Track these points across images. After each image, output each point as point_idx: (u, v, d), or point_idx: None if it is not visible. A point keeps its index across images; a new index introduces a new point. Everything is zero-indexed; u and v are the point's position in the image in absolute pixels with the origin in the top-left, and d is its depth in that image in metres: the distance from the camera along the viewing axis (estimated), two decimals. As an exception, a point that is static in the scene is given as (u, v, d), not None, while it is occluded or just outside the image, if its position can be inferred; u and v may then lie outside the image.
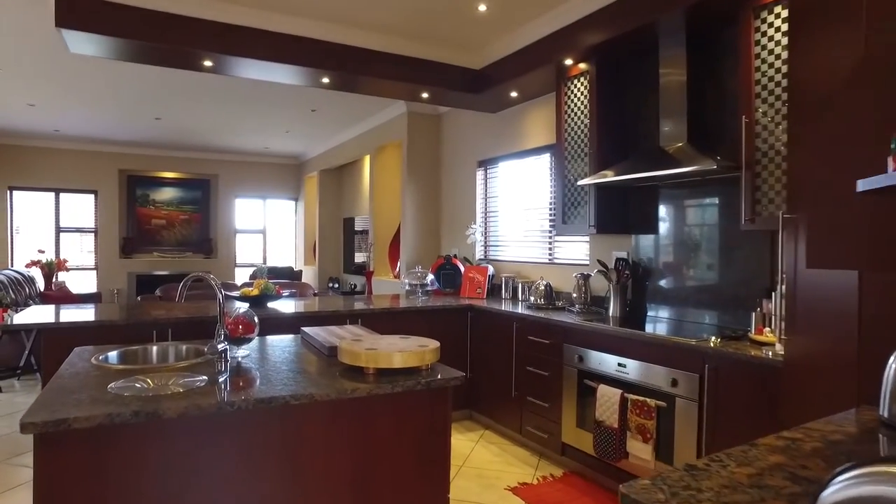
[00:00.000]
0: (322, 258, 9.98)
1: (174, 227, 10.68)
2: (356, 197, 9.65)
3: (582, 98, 4.13)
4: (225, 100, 6.59)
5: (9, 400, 5.34)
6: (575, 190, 4.19)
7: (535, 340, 4.07)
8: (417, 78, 4.78)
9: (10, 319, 5.78)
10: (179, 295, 2.31)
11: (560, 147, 4.32)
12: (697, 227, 3.65)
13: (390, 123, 6.97)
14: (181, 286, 2.29)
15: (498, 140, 5.75)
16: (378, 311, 4.38)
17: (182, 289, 2.31)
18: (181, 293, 2.31)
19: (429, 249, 6.65)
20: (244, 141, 9.29)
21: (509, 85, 4.86)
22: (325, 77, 4.53)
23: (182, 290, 2.31)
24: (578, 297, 4.27)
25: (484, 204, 6.08)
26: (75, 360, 2.22)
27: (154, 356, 2.45)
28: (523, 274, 5.33)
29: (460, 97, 5.17)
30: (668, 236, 3.84)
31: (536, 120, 5.21)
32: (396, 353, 2.08)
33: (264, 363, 2.27)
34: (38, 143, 9.37)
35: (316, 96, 6.36)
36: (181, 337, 3.69)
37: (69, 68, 5.45)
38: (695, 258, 3.66)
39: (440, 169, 6.71)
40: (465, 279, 5.33)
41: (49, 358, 3.39)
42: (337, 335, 2.68)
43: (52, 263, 8.71)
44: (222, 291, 2.27)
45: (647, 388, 3.18)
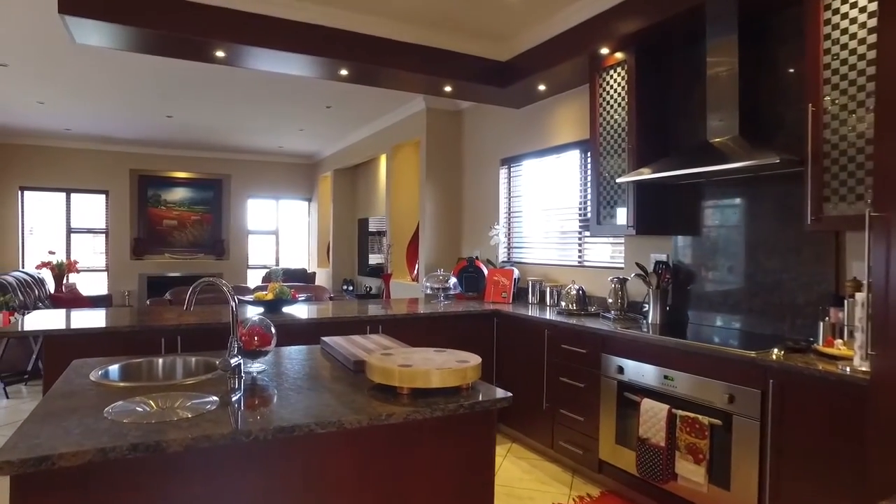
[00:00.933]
0: (336, 260, 9.75)
1: (186, 228, 10.50)
2: (371, 197, 9.41)
3: (619, 90, 3.85)
4: (238, 97, 6.37)
5: (15, 407, 5.13)
6: (611, 188, 3.92)
7: (569, 349, 3.80)
8: (440, 70, 4.52)
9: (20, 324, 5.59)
10: (188, 303, 2.06)
11: (595, 143, 4.04)
12: (748, 228, 3.36)
13: (408, 121, 6.72)
14: (190, 293, 2.04)
15: (522, 137, 5.49)
16: (400, 317, 4.13)
17: (191, 296, 2.06)
18: (190, 301, 2.06)
19: (448, 251, 6.39)
20: (257, 140, 9.08)
21: (537, 78, 4.59)
22: (344, 69, 4.28)
23: (191, 298, 2.06)
24: (614, 303, 3.99)
25: (507, 204, 5.81)
26: (72, 376, 1.98)
27: (160, 370, 2.21)
28: (551, 277, 5.06)
29: (485, 91, 4.91)
30: (714, 237, 3.55)
31: (565, 115, 4.93)
32: (435, 372, 1.82)
33: (282, 379, 2.01)
34: (50, 143, 9.21)
35: (331, 92, 6.12)
36: (192, 346, 3.46)
37: (78, 64, 5.25)
38: (745, 261, 3.37)
39: (460, 167, 6.45)
40: (489, 283, 5.06)
41: (51, 367, 3.16)
42: (362, 347, 2.42)
43: (63, 265, 8.54)
44: (235, 299, 2.02)
45: (698, 404, 2.90)
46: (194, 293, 2.07)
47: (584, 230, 4.85)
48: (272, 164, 10.88)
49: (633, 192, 3.72)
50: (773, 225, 3.22)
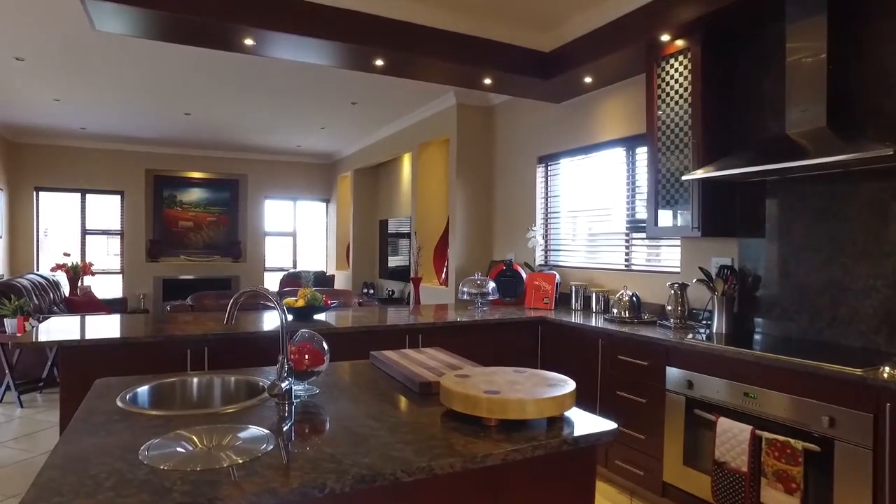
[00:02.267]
0: (356, 262, 9.47)
1: (201, 230, 10.27)
2: (393, 198, 9.13)
3: (680, 80, 3.54)
4: (260, 94, 6.11)
5: (30, 417, 4.88)
6: (671, 187, 3.61)
7: (627, 361, 3.49)
8: (480, 60, 4.22)
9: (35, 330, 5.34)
10: (229, 315, 1.78)
11: (652, 138, 3.73)
12: (833, 228, 3.03)
13: (437, 117, 6.43)
14: (232, 303, 1.76)
15: (561, 133, 5.18)
16: (440, 325, 3.83)
17: (232, 307, 1.78)
18: (231, 313, 1.78)
19: (479, 254, 6.09)
20: (276, 139, 8.83)
21: (584, 69, 4.28)
22: (379, 58, 4.00)
23: (232, 309, 1.78)
24: (673, 311, 3.68)
25: (544, 204, 5.51)
26: (96, 402, 1.70)
27: (194, 392, 1.93)
28: (595, 282, 4.75)
29: (526, 83, 4.61)
30: (789, 239, 3.23)
31: (611, 109, 4.62)
32: (529, 401, 1.52)
33: (338, 405, 1.73)
34: (65, 143, 9.01)
35: (358, 88, 5.85)
36: (220, 358, 3.18)
37: (96, 58, 5.00)
38: (828, 265, 3.05)
39: (492, 166, 6.15)
40: (528, 287, 4.75)
41: (68, 380, 2.90)
42: (422, 364, 2.13)
43: (78, 267, 8.32)
44: (285, 312, 1.73)
45: (789, 426, 2.59)
46: (236, 304, 1.79)
47: (632, 232, 4.54)
48: (290, 163, 10.63)
49: (699, 190, 3.40)
50: (864, 225, 2.90)
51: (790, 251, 3.22)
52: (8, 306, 5.31)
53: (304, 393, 1.85)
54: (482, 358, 3.88)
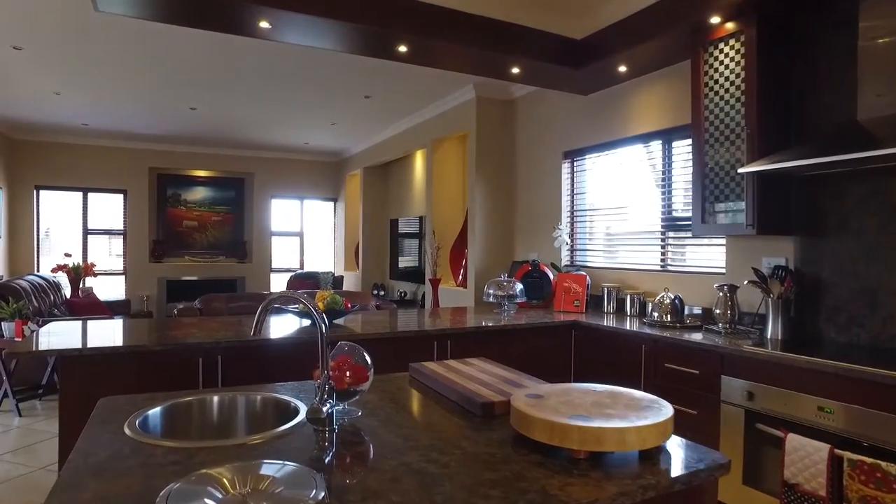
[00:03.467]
0: (366, 263, 9.20)
1: (206, 230, 10.00)
2: (403, 197, 8.86)
3: (731, 66, 3.26)
4: (268, 87, 5.84)
5: (28, 427, 4.61)
6: (721, 181, 3.33)
7: (675, 369, 3.21)
8: (509, 46, 3.95)
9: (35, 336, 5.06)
10: (257, 326, 1.51)
11: (698, 129, 3.46)
12: (909, 226, 2.76)
13: (455, 111, 6.15)
14: (260, 312, 1.49)
15: (589, 127, 4.90)
16: (470, 330, 3.56)
17: (261, 315, 1.50)
18: (259, 323, 1.51)
19: (500, 254, 5.82)
20: (284, 135, 8.56)
21: (618, 58, 4.01)
22: (402, 45, 3.73)
23: (261, 318, 1.51)
24: (722, 314, 3.40)
25: (570, 201, 5.23)
26: (101, 431, 1.43)
27: (215, 414, 1.65)
28: (629, 283, 4.47)
29: (555, 72, 4.33)
30: (858, 237, 2.95)
31: (646, 99, 4.35)
32: (631, 430, 1.25)
33: (389, 432, 1.45)
34: (66, 139, 8.74)
35: (372, 80, 5.57)
36: (234, 368, 2.90)
37: (98, 47, 4.73)
38: (904, 267, 2.77)
39: (514, 162, 5.88)
40: (558, 289, 4.48)
41: (68, 392, 2.63)
42: (477, 380, 1.85)
43: (80, 268, 8.05)
44: (324, 321, 1.46)
45: (877, 447, 2.31)
46: (266, 312, 1.51)
47: (668, 230, 4.27)
48: (297, 161, 10.36)
49: (754, 185, 3.12)
50: (948, 222, 2.62)
51: (860, 250, 2.94)
52: (6, 309, 5.04)
53: (345, 416, 1.58)
54: (513, 365, 3.61)
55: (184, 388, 2.79)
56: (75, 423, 2.62)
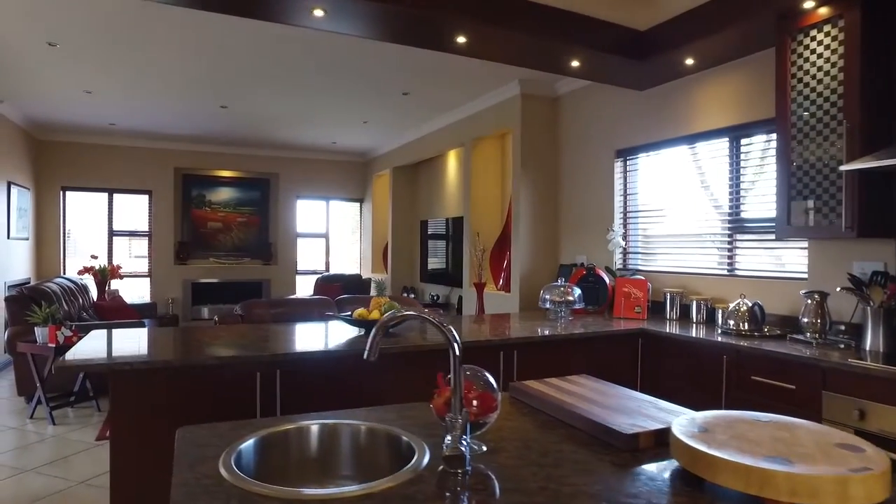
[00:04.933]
0: (395, 265, 8.98)
1: (231, 231, 9.84)
2: (433, 198, 8.64)
3: (826, 54, 3.01)
4: (302, 84, 5.65)
5: (63, 437, 4.44)
6: (812, 180, 3.08)
7: (764, 383, 2.97)
8: (571, 36, 3.72)
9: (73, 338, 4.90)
10: (371, 348, 1.29)
11: (784, 124, 3.21)
12: None
13: (496, 109, 5.92)
14: (377, 330, 1.28)
15: (646, 124, 4.66)
16: (537, 340, 3.33)
17: (378, 333, 1.29)
18: (373, 345, 1.29)
19: (546, 257, 5.59)
20: (312, 134, 8.37)
21: (686, 49, 3.77)
22: (462, 35, 3.51)
23: (377, 336, 1.29)
24: (811, 323, 3.15)
25: (622, 202, 4.99)
26: (191, 472, 1.21)
27: (313, 446, 1.43)
28: (691, 288, 4.23)
29: (617, 65, 4.10)
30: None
31: (713, 94, 4.10)
32: (854, 480, 1.02)
33: (529, 473, 1.23)
34: (92, 140, 8.61)
35: (412, 77, 5.36)
36: (293, 382, 2.69)
37: (134, 45, 4.55)
38: None
39: (558, 161, 5.64)
40: (617, 295, 4.24)
41: (119, 409, 2.43)
42: (599, 404, 1.62)
43: (106, 270, 7.90)
44: (457, 342, 1.24)
45: None
46: (384, 328, 1.30)
47: (736, 232, 4.02)
48: (323, 161, 10.17)
49: (855, 184, 2.87)
50: None
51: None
52: (38, 314, 4.87)
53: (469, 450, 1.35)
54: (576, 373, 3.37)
55: (241, 404, 2.59)
56: (126, 440, 2.42)
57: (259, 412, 2.62)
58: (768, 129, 3.72)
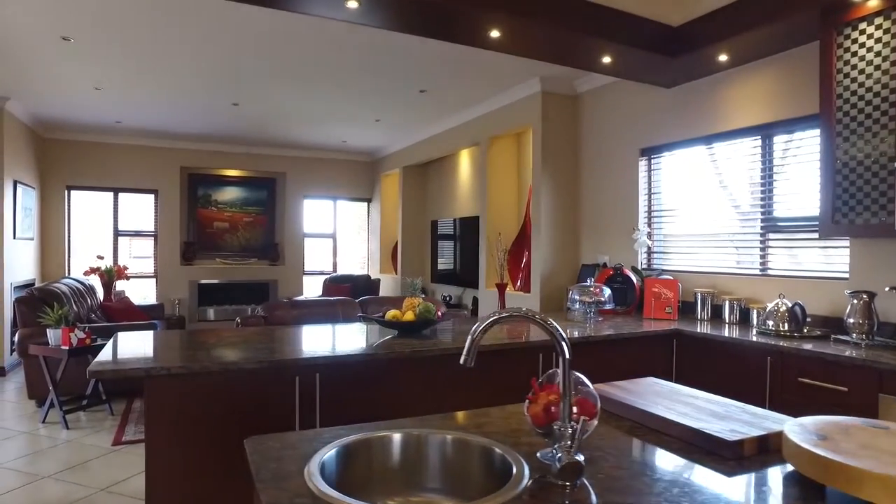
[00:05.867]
0: (406, 266, 8.89)
1: (237, 231, 9.72)
2: (443, 197, 8.54)
3: (876, 47, 2.93)
4: (317, 81, 5.54)
5: (78, 442, 4.33)
6: (860, 177, 3.00)
7: (814, 385, 2.89)
8: (605, 31, 3.64)
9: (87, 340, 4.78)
10: (470, 354, 1.20)
11: (829, 120, 3.13)
12: None
13: (513, 107, 5.83)
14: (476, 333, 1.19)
15: (672, 122, 4.58)
16: (575, 341, 3.25)
17: (477, 336, 1.20)
18: (471, 351, 1.20)
19: (566, 257, 5.50)
20: (322, 133, 8.26)
21: (720, 46, 3.70)
22: (495, 29, 3.42)
23: (473, 345, 1.20)
24: (858, 324, 3.07)
25: (647, 201, 4.91)
26: (279, 490, 1.12)
27: (395, 457, 1.34)
28: (721, 288, 4.15)
29: (648, 62, 4.01)
30: None
31: (744, 92, 4.03)
32: None
33: (640, 484, 1.14)
34: (98, 138, 8.49)
35: (431, 73, 5.26)
36: (332, 386, 2.60)
37: (149, 36, 4.45)
38: None
39: (579, 160, 5.56)
40: (647, 295, 4.16)
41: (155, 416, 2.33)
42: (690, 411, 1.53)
43: (112, 271, 7.78)
44: (565, 341, 1.16)
45: None
46: (480, 333, 1.21)
47: (770, 232, 3.95)
48: (330, 161, 10.06)
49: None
50: None
51: None
52: (51, 315, 4.76)
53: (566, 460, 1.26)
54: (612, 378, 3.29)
55: (280, 409, 2.49)
56: (163, 447, 2.32)
57: (298, 417, 2.53)
58: (804, 126, 3.65)
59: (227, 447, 2.41)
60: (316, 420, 2.56)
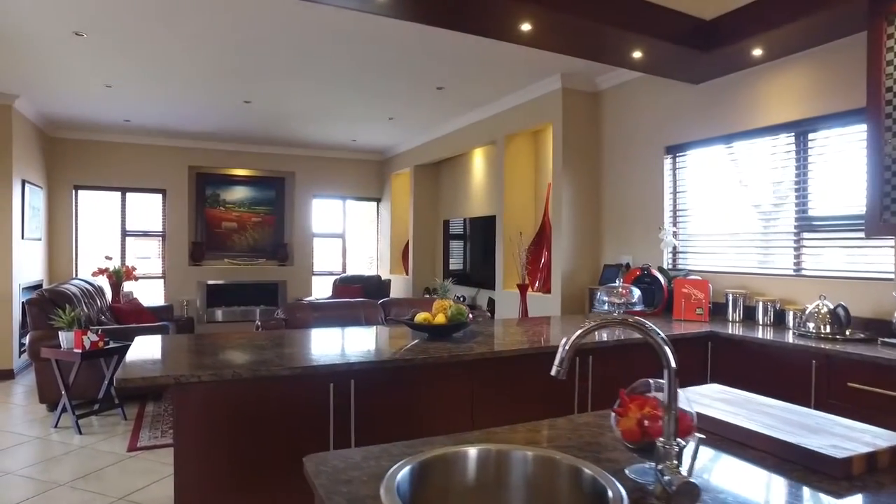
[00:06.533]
0: (417, 266, 8.77)
1: (246, 231, 9.61)
2: (457, 196, 8.43)
3: (926, 38, 2.82)
4: (332, 77, 5.42)
5: (92, 448, 4.22)
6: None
7: (866, 391, 2.77)
8: (636, 24, 3.52)
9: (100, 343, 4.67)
10: (561, 365, 1.09)
11: (877, 113, 3.01)
12: None
13: (532, 104, 5.71)
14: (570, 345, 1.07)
15: (700, 119, 4.47)
16: (611, 344, 3.13)
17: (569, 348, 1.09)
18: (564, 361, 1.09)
19: (587, 257, 5.39)
20: (332, 132, 8.14)
21: (756, 39, 3.59)
22: (526, 22, 3.31)
23: (568, 353, 1.09)
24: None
25: (672, 200, 4.79)
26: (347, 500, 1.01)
27: (470, 476, 1.23)
28: (752, 289, 4.04)
29: (678, 57, 3.90)
30: None
31: (777, 87, 3.91)
32: None
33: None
34: (106, 137, 8.37)
35: (449, 70, 5.15)
36: (367, 392, 2.49)
37: (163, 33, 4.34)
38: None
39: (600, 158, 5.44)
40: (676, 296, 4.04)
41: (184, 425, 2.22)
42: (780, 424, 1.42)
43: (121, 272, 7.67)
44: (671, 351, 1.04)
45: None
46: (575, 345, 1.09)
47: (804, 230, 3.83)
48: (339, 160, 9.95)
49: (964, 176, 2.68)
50: None
51: None
52: (63, 318, 4.65)
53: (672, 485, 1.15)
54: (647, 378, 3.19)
55: (313, 417, 2.38)
56: (192, 459, 2.21)
57: (332, 425, 2.42)
58: (846, 121, 3.54)
59: (258, 457, 2.30)
60: (350, 429, 2.44)
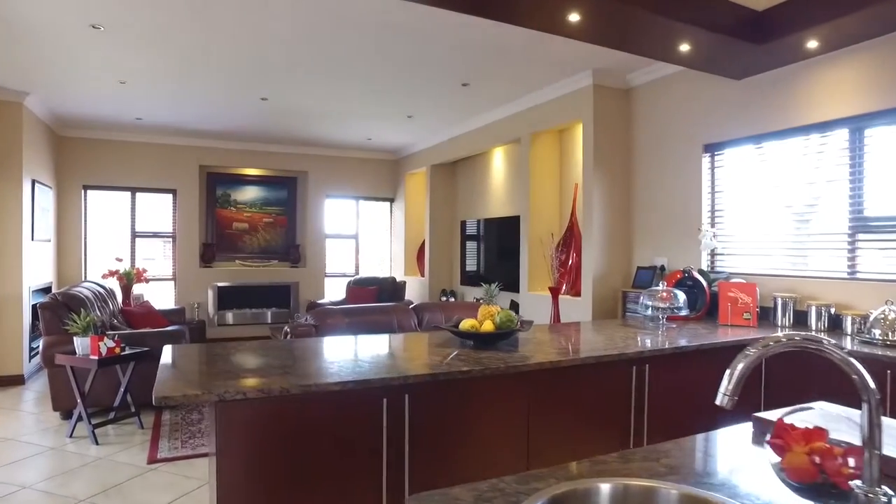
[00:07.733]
0: (434, 268, 8.59)
1: (257, 232, 9.43)
2: (474, 196, 8.25)
3: None
4: (357, 73, 5.25)
5: (109, 459, 4.04)
6: None
7: (948, 407, 2.60)
8: (686, 14, 3.34)
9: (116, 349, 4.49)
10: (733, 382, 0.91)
11: (952, 107, 2.84)
12: None
13: (561, 101, 5.53)
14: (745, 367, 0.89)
15: (742, 116, 4.29)
16: (668, 352, 2.96)
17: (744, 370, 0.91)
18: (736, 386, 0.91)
19: (619, 259, 5.21)
20: (348, 130, 7.96)
21: (813, 31, 3.40)
22: (575, 12, 3.13)
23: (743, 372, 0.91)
24: None
25: (711, 200, 4.62)
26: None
27: None
28: (802, 293, 3.86)
29: (728, 50, 3.72)
30: None
31: (830, 81, 3.73)
32: None
33: None
34: (116, 136, 8.19)
35: (476, 66, 4.96)
36: (422, 406, 2.31)
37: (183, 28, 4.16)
38: None
39: (632, 157, 5.26)
40: (722, 300, 3.87)
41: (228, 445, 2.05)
42: None
43: (132, 274, 7.50)
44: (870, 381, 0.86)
45: None
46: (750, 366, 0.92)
47: (859, 231, 3.66)
48: (352, 160, 9.76)
49: None
50: None
51: None
52: (78, 323, 4.47)
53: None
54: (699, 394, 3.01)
55: (366, 435, 2.21)
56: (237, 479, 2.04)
57: (385, 443, 2.24)
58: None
59: (306, 476, 2.12)
60: (404, 448, 2.27)
